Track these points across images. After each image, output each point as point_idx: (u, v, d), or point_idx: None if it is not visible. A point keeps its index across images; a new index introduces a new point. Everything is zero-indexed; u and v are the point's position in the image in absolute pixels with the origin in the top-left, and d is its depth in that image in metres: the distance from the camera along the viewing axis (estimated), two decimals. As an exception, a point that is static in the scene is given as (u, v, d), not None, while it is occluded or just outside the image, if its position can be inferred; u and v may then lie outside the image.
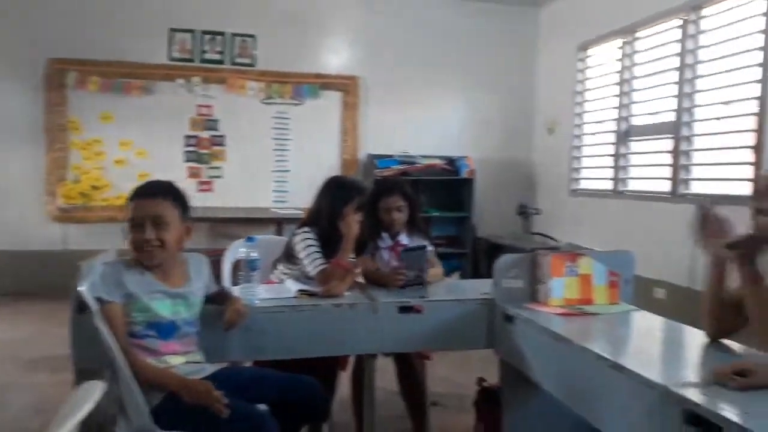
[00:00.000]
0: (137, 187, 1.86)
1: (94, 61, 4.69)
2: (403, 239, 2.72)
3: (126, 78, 4.74)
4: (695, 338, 1.71)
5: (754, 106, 3.13)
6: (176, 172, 4.71)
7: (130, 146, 4.77)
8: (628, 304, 2.14)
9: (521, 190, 5.38)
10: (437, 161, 5.12)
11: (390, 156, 5.02)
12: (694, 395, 1.23)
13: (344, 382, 2.78)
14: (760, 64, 3.10)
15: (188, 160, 4.88)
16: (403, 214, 2.65)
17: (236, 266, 2.22)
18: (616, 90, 4.35)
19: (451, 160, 5.16)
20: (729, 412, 1.15)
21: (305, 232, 2.42)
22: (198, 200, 4.74)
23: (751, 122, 3.16)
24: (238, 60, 4.91)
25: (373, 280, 2.51)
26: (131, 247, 1.79)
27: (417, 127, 5.22)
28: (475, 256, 5.15)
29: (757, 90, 3.11)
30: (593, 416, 1.60)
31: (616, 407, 1.48)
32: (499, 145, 5.45)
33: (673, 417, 1.26)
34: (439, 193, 5.23)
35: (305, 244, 2.38)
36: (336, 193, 2.46)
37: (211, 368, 1.88)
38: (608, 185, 4.38)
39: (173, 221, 1.81)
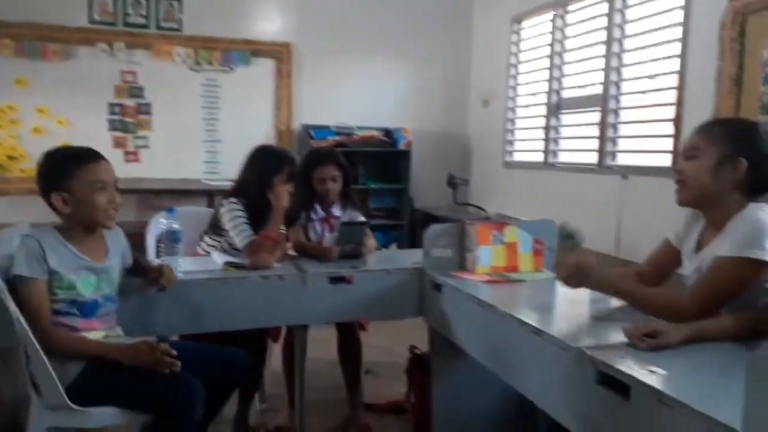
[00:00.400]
0: (82, 150, 1.80)
1: (6, 22, 4.34)
2: (336, 211, 2.69)
3: (42, 41, 4.42)
4: (615, 303, 1.78)
5: (674, 80, 3.26)
6: (100, 141, 4.46)
7: (49, 114, 4.47)
8: (552, 271, 2.21)
9: (456, 162, 5.43)
10: (374, 132, 5.08)
11: (326, 127, 4.93)
12: (605, 357, 1.28)
13: (278, 353, 2.77)
14: (679, 39, 3.22)
15: (113, 129, 4.63)
16: (337, 185, 2.62)
17: (160, 239, 2.14)
18: (548, 63, 4.42)
19: (388, 132, 5.13)
20: (636, 372, 1.20)
21: (232, 202, 2.37)
22: (125, 171, 4.54)
23: (672, 96, 3.29)
24: (164, 24, 4.65)
25: (305, 252, 2.48)
26: (98, 211, 1.73)
27: (353, 98, 5.14)
28: (412, 228, 5.19)
29: (676, 65, 3.24)
30: (516, 380, 1.65)
31: (537, 371, 1.53)
32: (435, 117, 5.46)
33: (588, 378, 1.31)
34: (376, 164, 5.21)
35: (232, 215, 2.33)
36: (264, 162, 2.41)
37: (130, 342, 1.82)
38: (539, 157, 4.48)
39: None
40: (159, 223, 2.24)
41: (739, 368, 1.23)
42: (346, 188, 2.69)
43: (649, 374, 1.19)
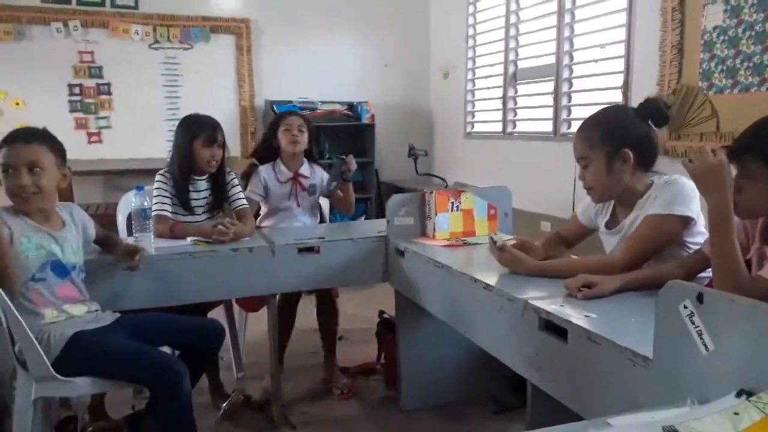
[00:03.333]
0: (10, 132, 1.82)
1: (-47, 2, 4.25)
2: (305, 170, 2.82)
3: (-8, 21, 4.34)
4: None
5: (621, 50, 3.41)
6: (62, 123, 4.43)
7: (5, 96, 4.40)
8: (506, 234, 2.35)
9: (420, 134, 5.53)
10: (337, 107, 5.13)
11: (289, 102, 4.97)
12: (546, 306, 1.43)
13: (259, 322, 2.87)
14: (625, 9, 3.36)
15: (73, 111, 4.59)
16: (304, 135, 2.77)
17: (130, 218, 2.21)
18: (504, 34, 4.52)
19: (351, 106, 5.19)
20: (572, 317, 1.35)
21: (159, 174, 2.48)
22: (88, 153, 4.54)
23: (620, 64, 3.45)
24: (119, 2, 4.59)
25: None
26: (7, 194, 1.76)
27: (314, 73, 5.18)
28: (379, 201, 5.29)
29: (623, 34, 3.38)
30: (471, 332, 1.80)
31: (489, 322, 1.68)
32: (397, 89, 5.53)
33: (532, 325, 1.46)
34: (341, 139, 5.26)
35: (155, 187, 2.45)
36: (182, 132, 2.48)
37: (110, 316, 1.91)
38: (498, 127, 4.62)
39: (49, 167, 1.79)
40: (129, 202, 2.30)
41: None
42: (312, 149, 2.85)
43: (583, 319, 1.34)
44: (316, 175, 2.88)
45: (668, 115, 1.72)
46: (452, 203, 2.30)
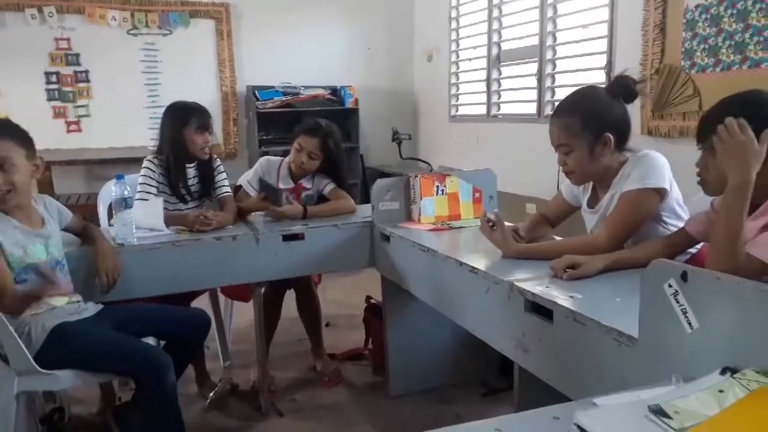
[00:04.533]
0: None
1: None
2: (306, 183, 2.70)
3: (-36, 8, 4.22)
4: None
5: (604, 30, 3.40)
6: (40, 112, 4.33)
7: (-21, 85, 4.31)
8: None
9: (404, 118, 5.50)
10: (320, 91, 5.07)
11: (272, 87, 4.91)
12: (532, 287, 1.43)
13: (245, 311, 2.85)
14: (608, -12, 3.35)
15: (51, 99, 4.48)
16: (312, 163, 2.59)
17: (111, 207, 2.18)
18: (487, 16, 4.49)
19: (334, 90, 5.14)
20: (558, 298, 1.35)
21: (148, 160, 2.43)
22: (68, 142, 4.46)
23: (603, 45, 3.44)
24: (95, -13, 4.50)
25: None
26: None
27: (296, 57, 5.11)
28: (365, 186, 5.27)
29: (606, 14, 3.37)
30: (458, 315, 1.80)
31: (475, 304, 1.68)
32: (381, 73, 5.48)
33: (518, 306, 1.46)
34: (324, 124, 5.21)
35: (141, 174, 2.40)
36: (171, 118, 2.43)
37: (93, 307, 1.88)
38: (482, 110, 4.60)
39: (19, 161, 1.72)
40: (109, 191, 2.26)
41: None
42: (328, 171, 2.67)
43: (569, 299, 1.34)
44: (315, 184, 2.71)
45: (637, 91, 1.70)
46: (437, 187, 2.29)
